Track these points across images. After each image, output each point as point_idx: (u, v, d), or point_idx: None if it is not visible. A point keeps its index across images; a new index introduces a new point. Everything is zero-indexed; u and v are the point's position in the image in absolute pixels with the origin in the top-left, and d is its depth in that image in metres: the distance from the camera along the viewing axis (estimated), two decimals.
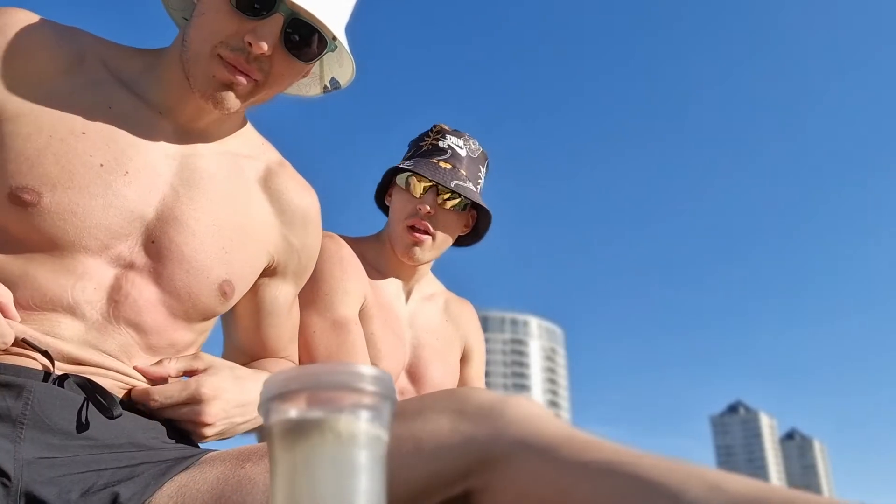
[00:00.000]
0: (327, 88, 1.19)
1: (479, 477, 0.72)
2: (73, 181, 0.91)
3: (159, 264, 0.97)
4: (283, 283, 1.19)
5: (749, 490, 0.61)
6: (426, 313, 1.70)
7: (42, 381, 0.86)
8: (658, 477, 0.63)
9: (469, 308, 1.83)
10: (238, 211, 1.06)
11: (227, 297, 1.04)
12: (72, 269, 0.91)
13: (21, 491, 0.79)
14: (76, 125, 0.95)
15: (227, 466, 0.84)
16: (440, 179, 1.51)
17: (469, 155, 1.59)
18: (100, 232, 0.93)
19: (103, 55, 1.03)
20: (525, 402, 0.75)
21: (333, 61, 1.15)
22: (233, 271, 1.04)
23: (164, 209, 0.98)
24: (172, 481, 0.85)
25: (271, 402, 0.48)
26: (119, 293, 0.94)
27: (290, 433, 0.47)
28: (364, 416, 0.47)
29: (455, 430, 0.73)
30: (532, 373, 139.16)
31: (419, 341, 1.64)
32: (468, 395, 0.78)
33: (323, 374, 0.47)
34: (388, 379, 0.49)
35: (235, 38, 0.95)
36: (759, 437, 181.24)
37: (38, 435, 0.83)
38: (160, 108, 1.03)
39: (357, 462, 0.46)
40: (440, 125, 1.63)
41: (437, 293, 1.77)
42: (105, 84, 1.00)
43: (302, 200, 1.17)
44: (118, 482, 0.83)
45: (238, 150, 1.11)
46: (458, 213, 1.58)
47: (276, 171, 1.15)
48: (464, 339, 1.77)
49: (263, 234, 1.11)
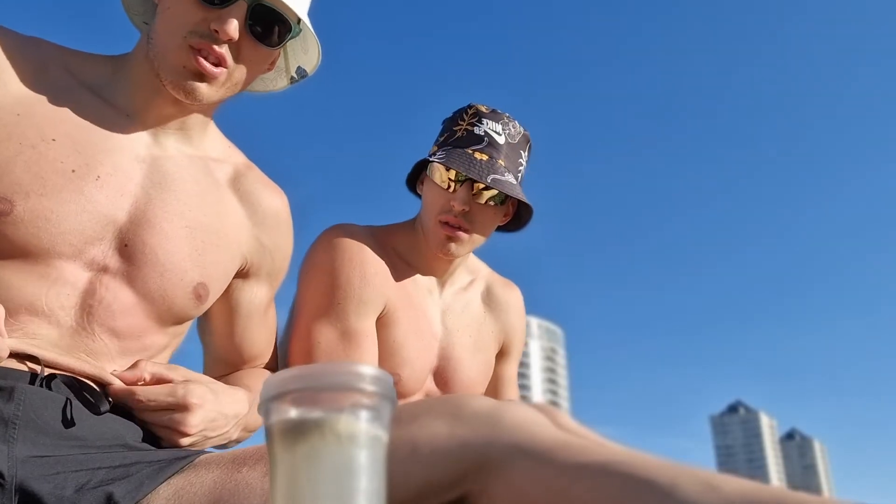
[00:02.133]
0: (294, 79, 1.20)
1: (476, 482, 0.72)
2: (45, 188, 0.92)
3: (133, 267, 0.97)
4: (257, 286, 1.19)
5: (743, 490, 0.61)
6: (461, 307, 1.56)
7: (29, 382, 0.86)
8: (652, 476, 0.63)
9: (515, 294, 1.67)
10: (209, 213, 1.07)
11: (201, 299, 1.04)
12: (46, 274, 0.91)
13: (15, 488, 0.79)
14: (46, 132, 0.95)
15: (224, 471, 0.84)
16: (476, 175, 1.36)
17: (508, 141, 1.43)
18: (73, 237, 0.93)
19: (67, 63, 1.04)
20: (522, 408, 0.75)
21: (298, 49, 1.16)
22: (206, 273, 1.04)
23: (136, 212, 0.99)
24: (168, 484, 0.85)
25: (271, 402, 0.48)
26: (93, 297, 0.95)
27: (290, 433, 0.47)
28: (364, 417, 0.47)
29: (451, 436, 0.74)
30: (532, 373, 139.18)
31: (450, 341, 1.52)
32: (465, 400, 0.78)
33: (323, 374, 0.47)
34: (388, 379, 0.49)
35: (202, 27, 0.97)
36: (759, 437, 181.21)
37: (30, 435, 0.83)
38: (128, 111, 1.04)
39: (357, 462, 0.46)
40: (476, 106, 1.47)
41: (478, 279, 1.63)
42: (71, 90, 1.01)
43: (272, 202, 1.17)
44: (112, 481, 0.83)
45: (206, 152, 1.12)
46: (496, 206, 1.44)
47: (244, 174, 1.16)
48: (503, 333, 1.63)
49: (235, 236, 1.11)
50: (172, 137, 1.07)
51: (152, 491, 0.84)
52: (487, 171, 1.37)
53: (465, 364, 1.52)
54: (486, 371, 1.59)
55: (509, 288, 1.67)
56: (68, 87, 1.01)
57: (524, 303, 1.69)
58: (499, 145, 1.41)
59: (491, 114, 1.45)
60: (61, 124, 0.97)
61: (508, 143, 1.43)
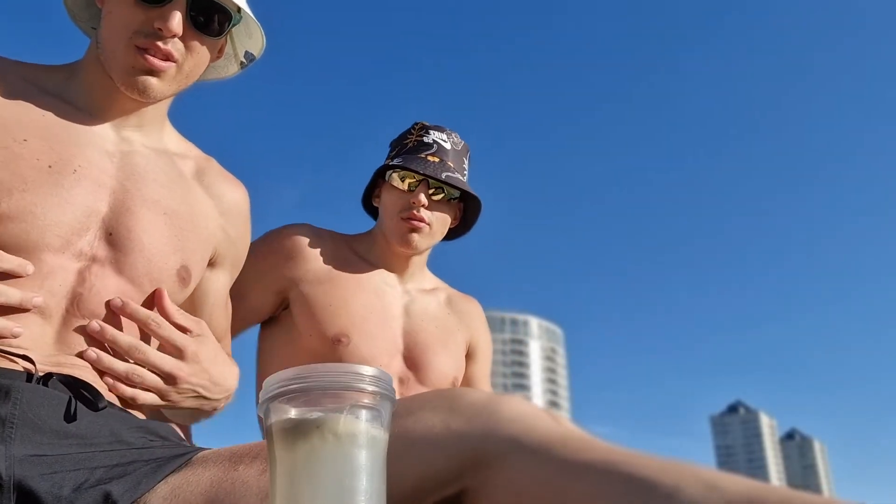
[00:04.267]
0: (244, 64, 1.24)
1: (474, 477, 0.71)
2: (26, 184, 0.94)
3: (120, 254, 1.00)
4: (220, 274, 1.23)
5: (745, 489, 0.60)
6: (423, 304, 1.66)
7: (26, 381, 0.86)
8: (653, 476, 0.63)
9: (475, 306, 1.78)
10: (181, 202, 1.11)
11: (185, 283, 1.08)
12: (37, 269, 0.93)
13: (13, 487, 0.79)
14: (16, 134, 0.97)
15: (220, 468, 0.84)
16: (431, 172, 1.53)
17: (454, 148, 1.62)
18: (60, 229, 0.95)
19: (24, 74, 1.07)
20: (518, 401, 0.75)
21: (243, 34, 1.19)
22: (187, 257, 1.08)
23: (115, 202, 1.02)
24: (166, 482, 0.85)
25: (271, 402, 0.48)
26: (83, 286, 0.96)
27: (290, 433, 0.46)
28: (364, 417, 0.47)
29: (448, 429, 0.73)
30: (532, 373, 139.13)
31: (414, 327, 1.60)
32: (461, 393, 0.77)
33: (323, 375, 0.47)
34: (388, 379, 0.49)
35: (146, 27, 1.00)
36: (759, 437, 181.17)
37: (28, 434, 0.83)
38: (90, 110, 1.07)
39: (357, 462, 0.46)
40: (421, 122, 1.65)
41: (439, 289, 1.75)
42: (33, 95, 1.04)
43: (235, 193, 1.22)
44: (110, 480, 0.83)
45: (167, 147, 1.16)
46: (448, 204, 1.60)
47: (205, 167, 1.20)
48: (468, 335, 1.72)
49: (206, 225, 1.15)
50: (135, 133, 1.10)
51: (150, 490, 0.84)
52: (441, 170, 1.55)
53: (436, 352, 1.59)
54: (458, 365, 1.66)
55: (470, 300, 1.79)
56: (30, 93, 1.04)
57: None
58: (446, 150, 1.60)
59: (436, 127, 1.63)
60: (29, 126, 0.99)
61: (454, 150, 1.62)
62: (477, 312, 1.77)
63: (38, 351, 0.91)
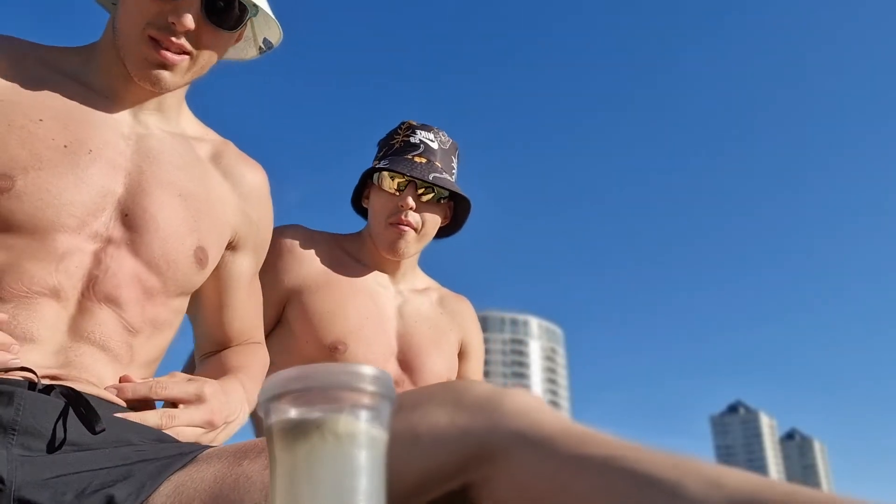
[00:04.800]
0: (262, 49, 1.24)
1: (477, 470, 0.71)
2: (41, 163, 0.94)
3: (136, 235, 1.00)
4: (244, 258, 1.23)
5: (748, 485, 0.60)
6: (416, 304, 1.66)
7: (28, 389, 0.86)
8: (656, 472, 0.63)
9: (466, 305, 1.79)
10: (198, 184, 1.11)
11: (202, 264, 1.08)
12: (53, 250, 0.93)
13: (14, 493, 0.78)
14: (32, 113, 0.98)
15: (225, 464, 0.84)
16: (418, 174, 1.52)
17: (441, 147, 1.60)
18: (76, 209, 0.95)
19: (42, 56, 1.07)
20: (523, 394, 0.74)
21: (262, 23, 1.19)
22: (204, 238, 1.08)
23: (131, 183, 1.02)
24: (169, 480, 0.84)
25: (271, 402, 0.48)
26: (99, 267, 0.97)
27: (289, 433, 0.46)
28: (364, 416, 0.47)
29: (452, 423, 0.72)
30: (532, 373, 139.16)
31: (408, 329, 1.61)
32: (465, 387, 0.76)
33: (323, 374, 0.47)
34: (388, 379, 0.49)
35: (160, 19, 0.99)
36: (759, 437, 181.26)
37: (29, 440, 0.83)
38: (106, 93, 1.07)
39: (357, 462, 0.46)
40: (408, 121, 1.63)
41: (431, 288, 1.75)
42: (50, 77, 1.04)
43: (254, 176, 1.22)
44: (113, 483, 0.82)
45: (184, 131, 1.16)
46: (438, 204, 1.59)
47: (223, 150, 1.20)
48: (460, 334, 1.73)
49: (223, 207, 1.15)
50: (152, 117, 1.10)
51: (154, 491, 0.83)
52: (428, 171, 1.54)
53: (429, 353, 1.60)
54: (451, 365, 1.67)
55: (461, 299, 1.79)
56: (46, 75, 1.04)
57: None
58: (434, 150, 1.58)
59: (422, 126, 1.61)
60: (46, 107, 1.00)
61: (441, 149, 1.60)
62: (468, 312, 1.78)
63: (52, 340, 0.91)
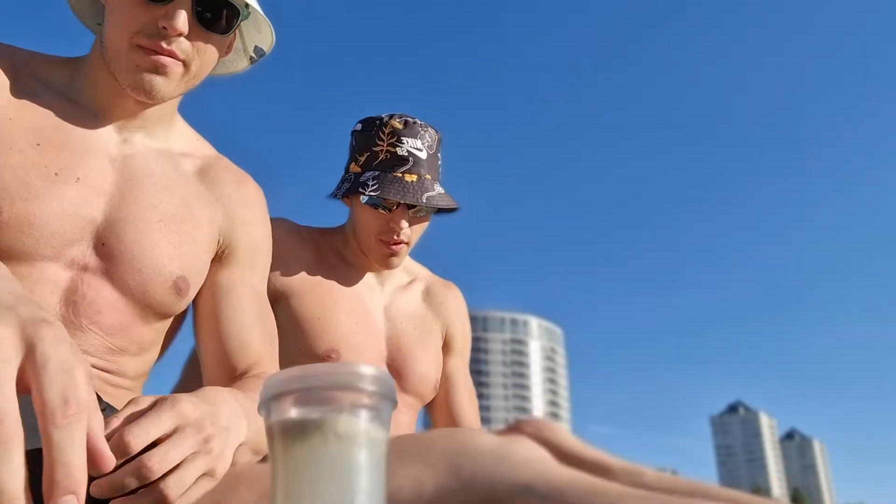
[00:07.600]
0: (253, 59, 1.21)
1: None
2: (29, 192, 0.92)
3: (111, 265, 0.98)
4: (237, 268, 1.15)
5: None
6: (401, 304, 1.64)
7: None
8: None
9: (453, 292, 1.75)
10: (181, 205, 1.08)
11: (181, 293, 1.05)
12: (27, 275, 0.92)
13: None
14: (31, 137, 0.96)
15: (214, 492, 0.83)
16: (412, 200, 1.44)
17: (428, 152, 1.51)
18: (55, 240, 0.94)
19: (33, 68, 1.05)
20: (527, 444, 0.73)
21: (252, 29, 1.16)
22: (185, 266, 1.05)
23: (111, 211, 1.00)
24: None
25: (271, 402, 0.48)
26: (76, 294, 0.95)
27: (290, 433, 0.46)
28: (364, 416, 0.47)
29: (456, 475, 0.71)
30: (532, 373, 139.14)
31: (396, 333, 1.59)
32: (469, 437, 0.75)
33: (323, 374, 0.47)
34: (389, 379, 0.49)
35: (150, 26, 0.97)
36: (759, 437, 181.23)
37: None
38: (94, 111, 1.05)
39: (357, 462, 0.46)
40: (391, 124, 1.50)
41: (418, 279, 1.72)
42: (42, 95, 1.02)
43: (240, 186, 1.18)
44: None
45: (173, 147, 1.13)
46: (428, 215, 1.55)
47: (212, 164, 1.17)
48: (444, 325, 1.70)
49: (207, 223, 1.11)
50: (139, 134, 1.08)
51: None
52: (420, 191, 1.45)
53: (416, 356, 1.58)
54: (437, 365, 1.65)
55: (448, 287, 1.75)
56: (39, 92, 1.02)
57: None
58: (422, 162, 1.49)
59: (407, 130, 1.49)
60: (43, 129, 0.98)
61: (429, 155, 1.51)
62: (454, 301, 1.73)
63: None
